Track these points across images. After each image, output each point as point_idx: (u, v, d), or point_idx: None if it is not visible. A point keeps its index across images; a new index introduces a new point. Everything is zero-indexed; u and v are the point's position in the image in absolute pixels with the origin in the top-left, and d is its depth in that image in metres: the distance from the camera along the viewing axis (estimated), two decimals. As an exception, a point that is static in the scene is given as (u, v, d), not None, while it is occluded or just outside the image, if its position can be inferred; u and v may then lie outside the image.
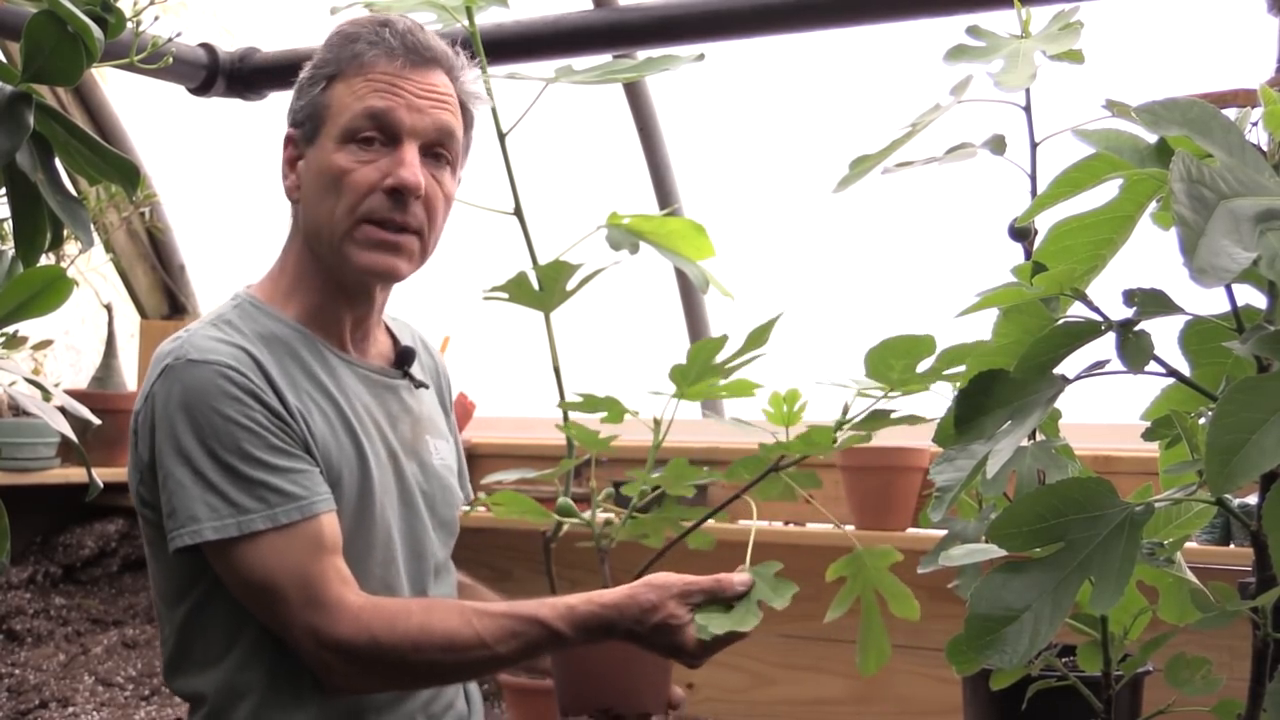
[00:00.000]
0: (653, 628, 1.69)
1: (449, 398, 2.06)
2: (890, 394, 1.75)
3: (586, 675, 1.81)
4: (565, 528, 1.90)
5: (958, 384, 1.40)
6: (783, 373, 1.86)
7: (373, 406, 1.83)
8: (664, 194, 3.44)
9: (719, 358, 1.82)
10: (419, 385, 1.94)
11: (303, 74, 1.82)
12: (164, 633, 1.82)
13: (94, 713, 3.13)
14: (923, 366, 1.68)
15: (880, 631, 1.86)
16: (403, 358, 1.93)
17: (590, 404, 1.87)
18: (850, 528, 2.84)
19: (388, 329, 1.95)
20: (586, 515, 1.89)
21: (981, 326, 1.33)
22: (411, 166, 1.75)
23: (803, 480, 1.85)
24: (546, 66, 1.95)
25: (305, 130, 1.80)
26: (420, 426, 1.90)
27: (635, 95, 3.38)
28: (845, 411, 1.79)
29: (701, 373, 1.83)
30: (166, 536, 1.70)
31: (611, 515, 1.92)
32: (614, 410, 1.86)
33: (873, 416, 1.77)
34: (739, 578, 1.74)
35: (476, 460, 3.60)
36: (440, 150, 1.79)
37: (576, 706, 1.82)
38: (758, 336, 1.82)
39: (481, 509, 2.00)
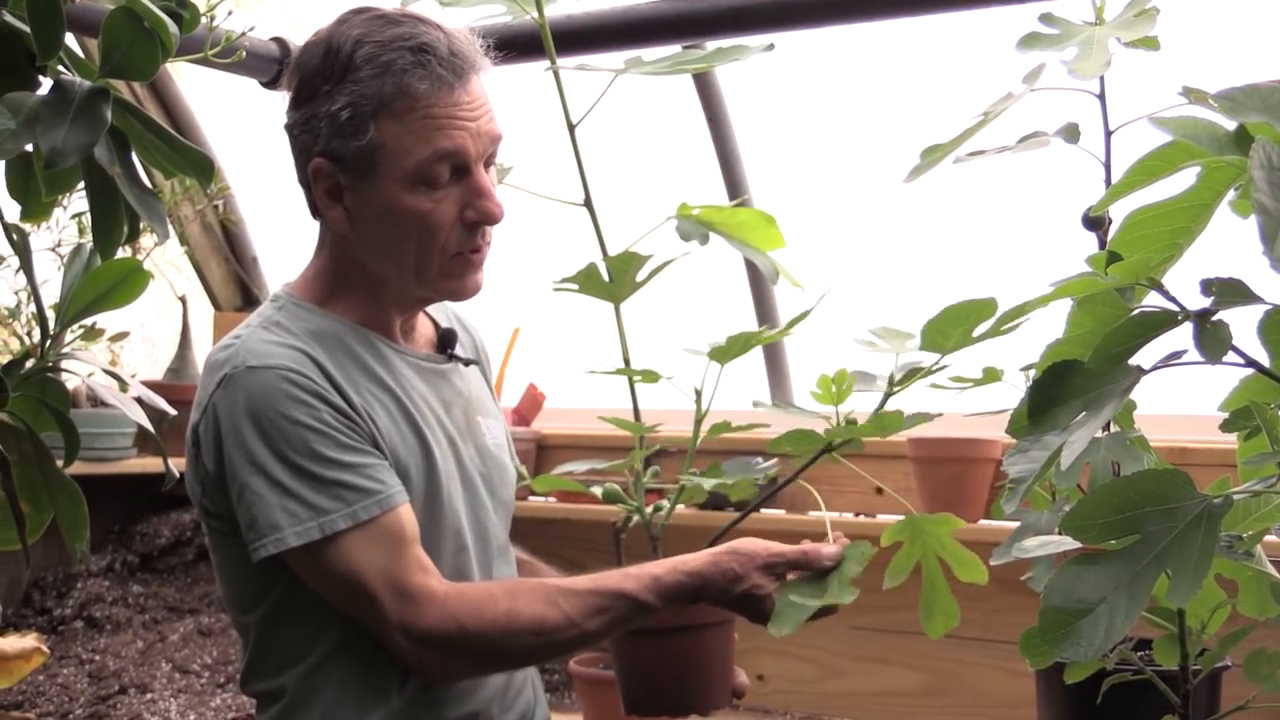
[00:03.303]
0: (737, 597, 1.70)
1: (490, 370, 2.07)
2: (941, 362, 1.73)
3: (652, 674, 1.80)
4: (635, 519, 1.91)
5: (1032, 374, 1.39)
6: (851, 362, 1.85)
7: (428, 395, 1.83)
8: (733, 184, 3.43)
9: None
10: (467, 363, 1.94)
11: (332, 105, 1.70)
12: (243, 640, 1.81)
13: (171, 700, 3.17)
14: (980, 330, 1.65)
15: (945, 593, 1.84)
16: (445, 340, 1.93)
17: (622, 371, 1.89)
18: (922, 519, 2.83)
19: (425, 311, 1.94)
20: (634, 502, 1.90)
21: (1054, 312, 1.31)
22: (492, 197, 1.75)
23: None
24: (616, 58, 1.95)
25: (350, 165, 1.72)
26: (471, 408, 1.90)
27: (705, 85, 3.37)
28: (891, 381, 1.78)
29: (738, 353, 1.86)
30: (247, 547, 1.68)
31: (664, 503, 1.92)
32: (648, 376, 1.88)
33: (910, 373, 1.77)
34: (828, 549, 1.72)
35: (547, 451, 3.61)
36: (492, 155, 1.78)
37: (643, 706, 1.81)
38: (794, 323, 1.85)
39: (551, 499, 2.01)
